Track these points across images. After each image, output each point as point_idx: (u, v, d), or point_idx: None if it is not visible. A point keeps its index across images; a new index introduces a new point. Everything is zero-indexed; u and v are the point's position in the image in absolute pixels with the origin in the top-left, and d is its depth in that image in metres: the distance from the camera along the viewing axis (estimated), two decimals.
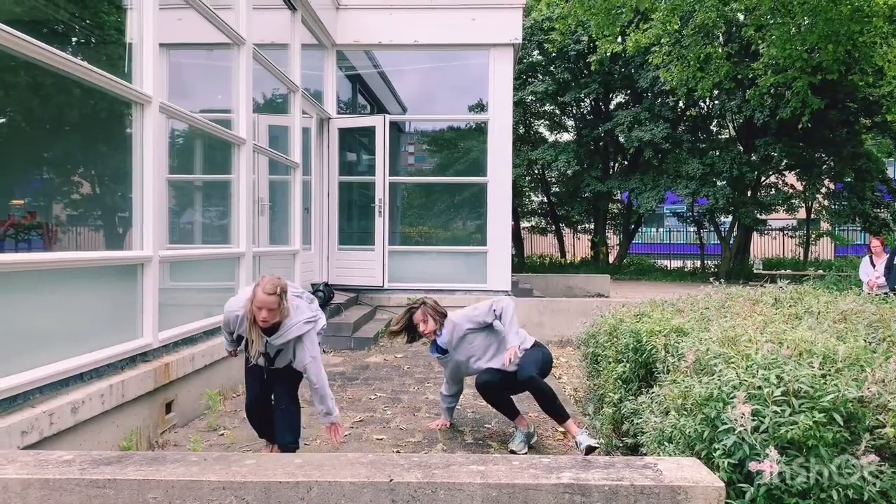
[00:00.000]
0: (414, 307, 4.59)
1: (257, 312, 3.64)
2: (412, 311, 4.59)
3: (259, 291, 3.63)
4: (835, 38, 11.61)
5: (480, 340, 4.51)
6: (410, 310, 4.60)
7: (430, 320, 4.53)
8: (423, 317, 4.54)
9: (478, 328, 4.52)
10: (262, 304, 3.63)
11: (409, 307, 4.64)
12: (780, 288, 5.30)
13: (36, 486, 2.45)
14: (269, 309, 3.63)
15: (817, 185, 19.18)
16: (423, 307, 4.57)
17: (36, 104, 7.14)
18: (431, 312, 4.57)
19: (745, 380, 2.70)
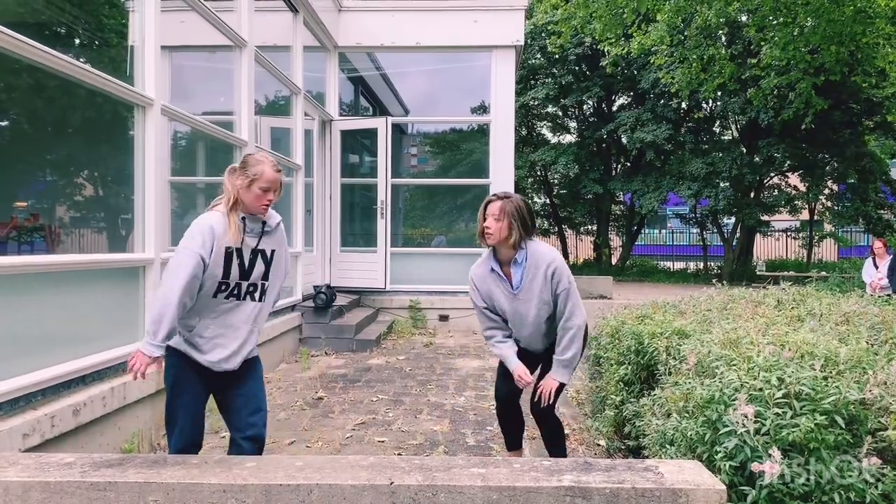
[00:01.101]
0: (497, 195, 3.45)
1: (262, 197, 2.96)
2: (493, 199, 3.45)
3: (270, 171, 2.96)
4: (837, 39, 11.59)
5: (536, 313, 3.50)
6: (491, 198, 3.46)
7: (508, 224, 3.34)
8: (500, 214, 3.35)
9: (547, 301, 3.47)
10: (273, 184, 2.98)
11: (492, 194, 3.51)
12: (782, 289, 5.29)
13: (37, 489, 2.45)
14: (276, 190, 3.03)
15: (820, 187, 19.14)
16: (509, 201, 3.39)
17: (39, 106, 7.16)
18: (519, 216, 3.37)
19: (747, 382, 2.70)
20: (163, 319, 2.74)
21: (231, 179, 2.97)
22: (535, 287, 3.42)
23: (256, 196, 2.95)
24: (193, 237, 2.83)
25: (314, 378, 6.48)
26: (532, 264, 3.41)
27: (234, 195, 2.94)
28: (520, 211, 3.37)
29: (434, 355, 7.70)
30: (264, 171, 2.95)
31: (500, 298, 3.51)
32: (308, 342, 7.93)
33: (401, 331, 9.18)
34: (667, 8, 12.44)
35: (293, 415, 5.19)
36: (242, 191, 2.94)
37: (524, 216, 3.38)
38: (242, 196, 2.94)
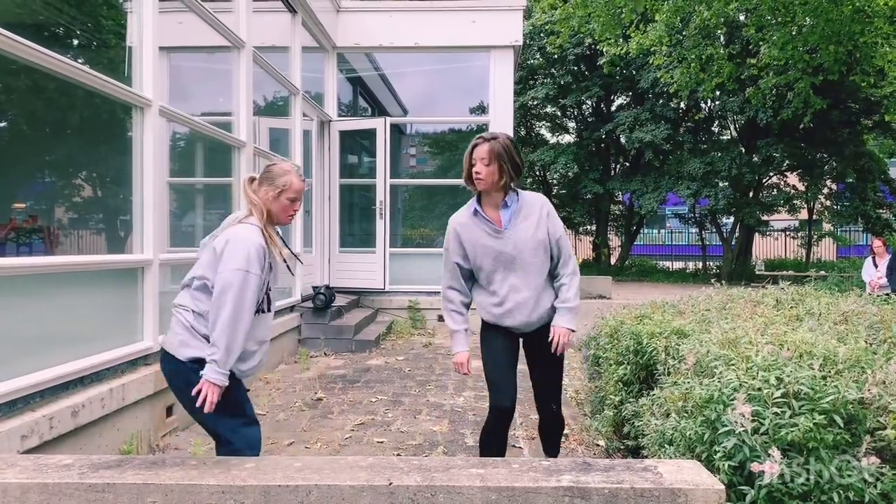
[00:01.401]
0: (483, 137, 3.18)
1: (290, 207, 2.95)
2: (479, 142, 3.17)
3: (297, 180, 2.94)
4: (836, 38, 11.60)
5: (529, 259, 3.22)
6: (477, 140, 3.19)
7: (499, 167, 3.13)
8: (489, 156, 3.11)
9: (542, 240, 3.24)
10: (300, 193, 2.99)
11: (477, 137, 3.21)
12: (781, 289, 5.29)
13: (35, 491, 2.44)
14: (301, 199, 3.03)
15: (819, 186, 19.16)
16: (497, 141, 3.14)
17: (38, 108, 7.16)
18: (509, 156, 3.14)
19: (746, 381, 2.70)
20: (234, 348, 2.70)
21: (257, 191, 2.93)
22: (530, 225, 3.19)
23: (284, 207, 2.93)
24: (251, 260, 2.73)
25: (313, 379, 6.47)
26: (525, 205, 3.23)
27: (264, 208, 2.90)
28: (508, 151, 3.13)
29: (433, 356, 7.70)
30: (292, 181, 2.93)
31: (484, 242, 3.20)
32: (307, 343, 7.93)
33: (400, 331, 9.18)
34: (665, 8, 12.45)
35: (292, 416, 5.19)
36: (272, 202, 2.91)
37: (514, 156, 3.15)
38: (271, 207, 2.92)
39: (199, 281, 2.83)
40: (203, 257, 2.89)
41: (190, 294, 2.85)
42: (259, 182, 2.96)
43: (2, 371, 3.33)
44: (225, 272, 2.71)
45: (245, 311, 2.72)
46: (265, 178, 2.94)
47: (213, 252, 2.81)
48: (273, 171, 2.95)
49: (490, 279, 3.27)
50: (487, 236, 3.21)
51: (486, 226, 3.21)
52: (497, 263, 3.22)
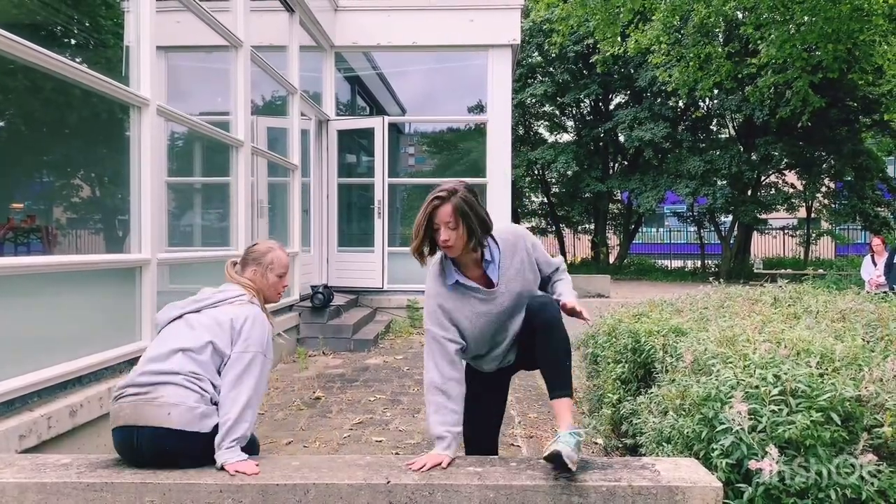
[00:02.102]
0: (440, 197, 2.60)
1: (279, 283, 2.96)
2: (438, 202, 2.60)
3: (283, 255, 2.95)
4: (834, 36, 11.60)
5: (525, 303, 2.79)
6: (434, 201, 2.61)
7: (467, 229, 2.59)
8: (454, 218, 2.57)
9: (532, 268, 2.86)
10: (286, 268, 3.00)
11: (433, 196, 2.62)
12: (779, 287, 5.29)
13: (33, 490, 2.45)
14: (287, 274, 3.05)
15: (817, 184, 19.18)
16: (458, 197, 2.59)
17: (35, 108, 7.15)
18: (474, 212, 2.60)
19: (743, 379, 2.70)
20: (248, 431, 2.62)
21: (242, 274, 2.91)
22: (520, 271, 2.78)
23: (274, 284, 2.93)
24: (268, 345, 2.73)
25: (312, 378, 6.48)
26: (506, 249, 2.77)
27: (259, 290, 2.89)
28: (472, 205, 2.60)
29: None
30: (279, 256, 2.93)
31: (471, 309, 2.75)
32: (306, 342, 7.93)
33: (398, 330, 9.18)
34: (662, 7, 12.45)
35: (290, 415, 5.19)
36: (261, 284, 2.90)
37: (478, 209, 2.62)
38: (263, 288, 2.91)
39: (210, 348, 2.64)
40: (200, 322, 2.71)
41: (198, 362, 2.61)
42: (242, 264, 2.92)
43: (2, 370, 3.33)
44: (249, 352, 2.64)
45: (260, 395, 2.69)
46: (251, 260, 2.91)
47: (217, 322, 2.69)
48: (258, 251, 2.93)
49: (479, 344, 2.83)
50: (480, 303, 2.74)
51: (474, 293, 2.73)
52: (488, 326, 2.77)
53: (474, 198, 2.64)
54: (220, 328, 2.67)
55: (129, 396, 2.62)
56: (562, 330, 2.70)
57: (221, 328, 2.67)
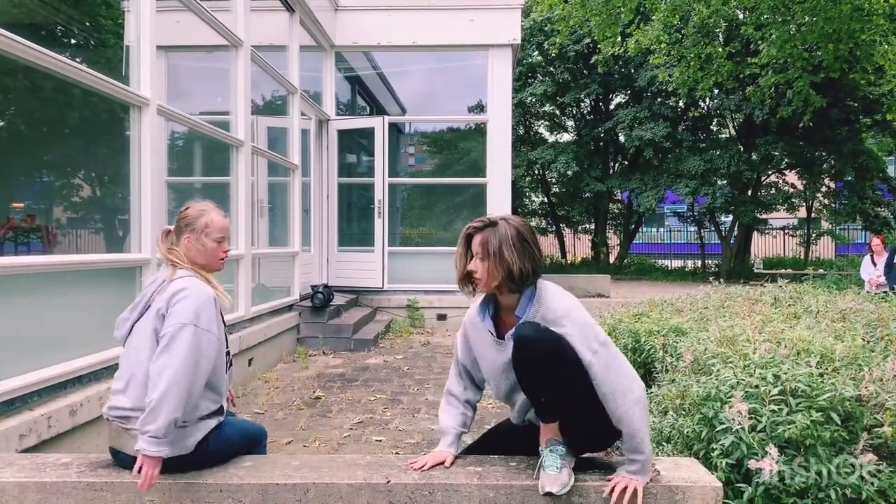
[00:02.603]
0: (476, 226, 2.44)
1: (219, 249, 2.63)
2: (472, 231, 2.45)
3: (218, 217, 2.63)
4: (835, 36, 11.59)
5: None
6: (470, 229, 2.46)
7: (493, 267, 2.36)
8: (484, 250, 2.38)
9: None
10: (225, 231, 2.66)
11: (470, 224, 2.46)
12: (779, 287, 5.30)
13: (33, 490, 2.45)
14: (228, 238, 2.71)
15: (818, 184, 19.16)
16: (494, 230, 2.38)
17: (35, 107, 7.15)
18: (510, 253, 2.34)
19: (743, 379, 2.71)
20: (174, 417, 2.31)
21: (176, 243, 2.60)
22: None
23: (212, 251, 2.61)
24: (196, 314, 2.39)
25: (312, 378, 6.48)
26: (542, 311, 2.36)
27: (189, 259, 2.58)
28: (507, 244, 2.34)
29: (432, 354, 7.70)
30: (213, 219, 2.60)
31: (486, 354, 2.54)
32: (306, 342, 7.93)
33: (399, 330, 9.18)
34: (662, 7, 12.44)
35: (290, 414, 5.19)
36: (197, 252, 2.59)
37: (511, 251, 2.33)
38: (199, 256, 2.59)
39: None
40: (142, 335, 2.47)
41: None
42: (177, 233, 2.61)
43: (0, 370, 3.33)
44: (173, 325, 2.36)
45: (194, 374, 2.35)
46: (183, 227, 2.59)
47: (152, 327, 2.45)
48: (189, 215, 2.61)
49: (498, 394, 2.61)
50: (488, 346, 2.51)
51: (490, 335, 2.50)
52: (502, 381, 2.52)
53: (520, 239, 2.36)
54: (155, 332, 2.44)
55: (112, 420, 2.51)
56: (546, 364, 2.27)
57: (155, 330, 2.44)
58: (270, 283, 7.86)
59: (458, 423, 2.66)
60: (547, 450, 2.36)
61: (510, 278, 2.34)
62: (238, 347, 6.02)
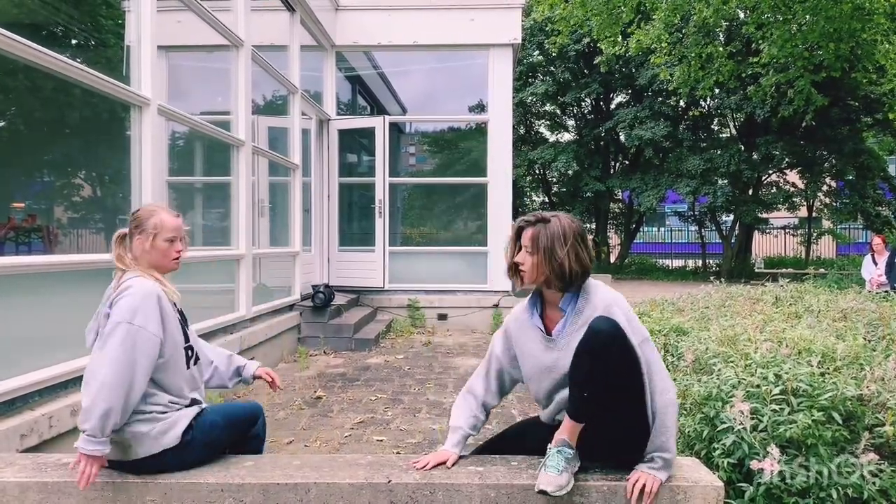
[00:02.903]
0: (528, 220, 2.46)
1: (171, 249, 2.62)
2: (524, 224, 2.47)
3: (168, 217, 2.61)
4: (836, 35, 11.59)
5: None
6: (521, 222, 2.49)
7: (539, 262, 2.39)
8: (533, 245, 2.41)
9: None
10: (177, 231, 2.63)
11: (523, 218, 2.50)
12: (780, 286, 5.30)
13: (34, 490, 2.45)
14: (182, 237, 2.68)
15: (819, 183, 19.17)
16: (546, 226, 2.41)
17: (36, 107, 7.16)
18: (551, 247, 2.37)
19: (744, 379, 2.70)
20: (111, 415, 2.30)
21: (130, 248, 2.59)
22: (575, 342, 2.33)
23: (164, 251, 2.59)
24: (133, 312, 2.39)
25: (313, 377, 6.48)
26: (587, 308, 2.40)
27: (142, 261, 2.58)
28: (556, 240, 2.36)
29: (433, 354, 7.70)
30: (163, 220, 2.58)
31: (530, 351, 2.52)
32: (307, 341, 7.93)
33: (399, 330, 9.18)
34: (664, 6, 12.44)
35: (291, 414, 5.19)
36: (148, 252, 2.57)
37: (561, 248, 2.35)
38: (151, 257, 2.58)
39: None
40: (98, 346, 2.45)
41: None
42: (130, 236, 2.60)
43: (1, 370, 3.33)
44: (107, 327, 2.38)
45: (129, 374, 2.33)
46: (134, 228, 2.59)
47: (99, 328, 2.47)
48: (140, 216, 2.60)
49: (538, 394, 2.58)
50: (535, 343, 2.50)
51: (537, 331, 2.50)
52: (546, 380, 2.48)
53: (563, 238, 2.37)
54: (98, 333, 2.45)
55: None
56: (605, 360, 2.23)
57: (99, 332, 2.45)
58: (271, 283, 7.86)
59: (468, 425, 2.67)
60: (555, 450, 2.33)
61: (560, 277, 2.37)
62: (239, 347, 6.02)
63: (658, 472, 2.33)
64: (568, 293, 2.43)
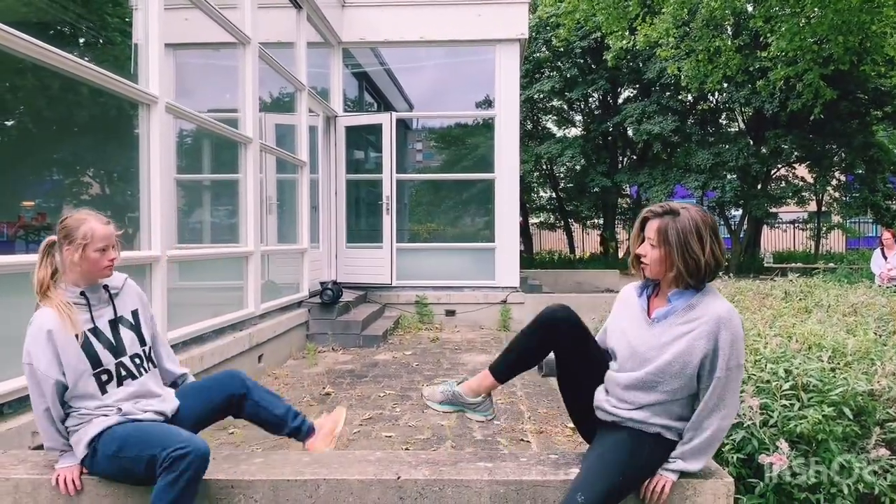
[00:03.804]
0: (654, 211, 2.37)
1: (102, 258, 2.55)
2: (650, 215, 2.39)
3: (98, 225, 2.54)
4: (845, 28, 11.51)
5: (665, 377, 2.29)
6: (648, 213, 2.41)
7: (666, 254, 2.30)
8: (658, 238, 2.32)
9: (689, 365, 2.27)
10: (109, 239, 2.57)
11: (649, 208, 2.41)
12: (790, 281, 5.27)
13: (47, 487, 2.47)
14: (114, 245, 2.61)
15: (828, 177, 19.05)
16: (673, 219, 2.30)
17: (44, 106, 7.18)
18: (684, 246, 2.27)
19: (754, 374, 2.69)
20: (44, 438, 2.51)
21: (67, 257, 2.53)
22: (685, 335, 2.27)
23: (95, 261, 2.53)
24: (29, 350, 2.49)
25: (321, 374, 6.49)
26: (698, 307, 2.30)
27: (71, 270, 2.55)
28: (683, 234, 2.26)
29: (441, 350, 7.71)
30: (93, 229, 2.51)
31: (624, 323, 2.47)
32: (315, 338, 7.95)
33: (407, 326, 9.19)
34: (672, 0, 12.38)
35: (300, 410, 5.20)
36: (77, 263, 2.51)
37: (689, 243, 2.25)
38: (80, 268, 2.53)
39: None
40: None
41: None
42: (59, 245, 2.54)
43: (11, 369, 3.35)
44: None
45: (36, 406, 2.47)
46: (63, 238, 2.52)
47: None
48: (68, 226, 2.52)
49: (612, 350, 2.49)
50: (633, 322, 2.43)
51: (640, 312, 2.43)
52: (628, 360, 2.39)
53: (697, 232, 2.26)
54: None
55: None
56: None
57: None
58: (279, 280, 7.87)
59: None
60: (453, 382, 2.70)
61: (693, 273, 2.27)
62: (248, 344, 6.04)
63: (672, 473, 2.34)
64: (680, 289, 2.34)
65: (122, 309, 2.66)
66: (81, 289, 2.56)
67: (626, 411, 2.34)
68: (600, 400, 2.44)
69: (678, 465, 2.31)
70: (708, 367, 2.24)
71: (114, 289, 2.68)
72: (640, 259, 2.39)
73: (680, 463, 2.30)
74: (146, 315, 2.75)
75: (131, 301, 2.72)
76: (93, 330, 2.53)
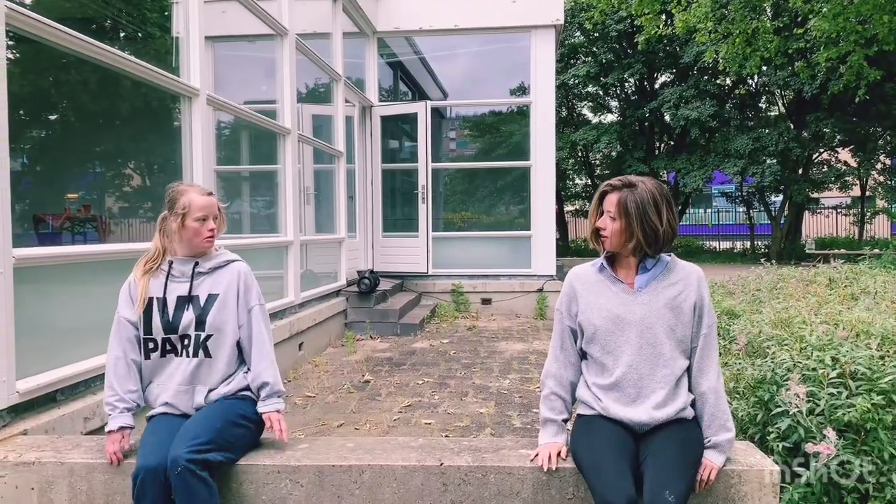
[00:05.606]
0: (613, 185, 2.43)
1: (201, 228, 2.62)
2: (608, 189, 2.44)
3: (196, 197, 2.62)
4: (889, 7, 11.17)
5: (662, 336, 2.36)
6: (606, 187, 2.45)
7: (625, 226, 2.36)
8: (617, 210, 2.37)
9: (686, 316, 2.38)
10: (207, 209, 2.64)
11: (607, 183, 2.46)
12: (834, 268, 5.17)
13: (100, 470, 2.54)
14: (215, 216, 2.67)
15: (872, 161, 18.59)
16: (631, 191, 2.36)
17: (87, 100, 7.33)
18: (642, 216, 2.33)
19: (800, 362, 2.66)
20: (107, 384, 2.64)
21: (166, 227, 2.66)
22: (673, 293, 2.38)
23: (195, 231, 2.61)
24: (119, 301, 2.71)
25: (360, 361, 6.56)
26: (674, 271, 2.43)
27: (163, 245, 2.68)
28: (642, 206, 2.32)
29: (477, 338, 7.73)
30: (192, 200, 2.60)
31: (604, 304, 2.42)
32: (353, 326, 8.03)
33: (444, 315, 9.23)
34: None
35: (341, 398, 5.27)
36: (177, 232, 2.62)
37: (647, 213, 2.32)
38: (181, 236, 2.62)
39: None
40: None
41: None
42: (167, 217, 2.66)
43: (67, 355, 3.45)
44: None
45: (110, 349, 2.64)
46: (168, 208, 2.65)
47: None
48: (170, 196, 2.65)
49: (604, 351, 2.42)
50: (611, 297, 2.43)
51: (613, 285, 2.44)
52: (616, 334, 2.39)
53: (654, 203, 2.33)
54: None
55: None
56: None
57: None
58: (318, 270, 7.96)
59: (559, 409, 2.53)
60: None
61: (652, 242, 2.35)
62: (289, 332, 6.13)
63: (722, 455, 2.32)
64: (648, 258, 2.41)
65: (200, 289, 2.66)
66: (171, 259, 2.67)
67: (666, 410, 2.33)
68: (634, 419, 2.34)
69: (720, 447, 2.31)
70: (697, 317, 2.38)
71: (204, 268, 2.69)
72: (600, 232, 2.44)
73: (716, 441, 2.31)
74: (232, 305, 2.68)
75: (219, 286, 2.68)
76: (161, 300, 2.63)
